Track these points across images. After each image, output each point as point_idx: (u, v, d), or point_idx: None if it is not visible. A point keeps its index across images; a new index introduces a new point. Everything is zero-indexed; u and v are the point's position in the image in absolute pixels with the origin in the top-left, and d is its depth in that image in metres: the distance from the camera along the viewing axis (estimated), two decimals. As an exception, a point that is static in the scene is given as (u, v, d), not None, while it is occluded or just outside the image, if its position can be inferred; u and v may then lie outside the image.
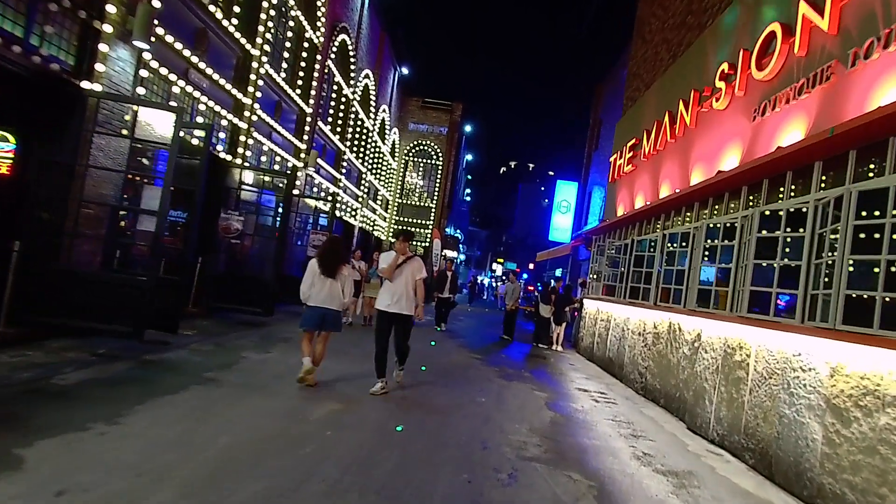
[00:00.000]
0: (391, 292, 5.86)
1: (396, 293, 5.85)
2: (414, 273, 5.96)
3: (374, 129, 21.49)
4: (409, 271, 5.92)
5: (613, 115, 22.66)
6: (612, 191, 13.16)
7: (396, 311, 5.86)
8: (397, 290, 5.86)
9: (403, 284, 5.86)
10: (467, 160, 40.25)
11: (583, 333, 13.14)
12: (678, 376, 7.25)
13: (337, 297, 5.75)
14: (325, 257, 5.72)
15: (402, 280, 5.87)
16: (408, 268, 5.92)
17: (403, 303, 5.86)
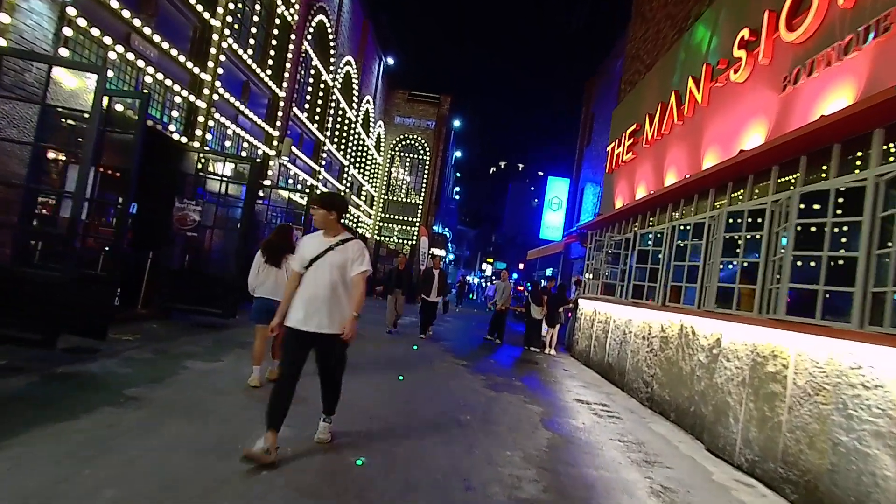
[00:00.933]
0: (307, 298, 3.66)
1: (316, 300, 3.65)
2: (348, 265, 3.72)
3: (358, 120, 20.44)
4: (338, 262, 3.69)
5: (606, 109, 21.82)
6: (610, 182, 12.23)
7: (316, 331, 3.65)
8: (318, 293, 3.65)
9: (328, 285, 3.65)
10: (456, 157, 39.27)
11: (578, 336, 12.20)
12: (692, 387, 6.30)
13: (282, 288, 5.08)
14: (270, 245, 5.38)
15: (327, 277, 3.66)
16: (336, 256, 3.70)
17: (326, 315, 3.64)
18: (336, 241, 3.75)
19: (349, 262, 3.73)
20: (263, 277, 5.37)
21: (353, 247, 3.78)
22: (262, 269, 5.37)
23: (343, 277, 3.72)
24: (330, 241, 3.75)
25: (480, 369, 8.75)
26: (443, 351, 10.22)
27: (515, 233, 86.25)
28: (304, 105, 14.62)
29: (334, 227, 3.79)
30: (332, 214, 3.74)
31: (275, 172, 12.75)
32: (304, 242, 3.88)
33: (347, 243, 3.77)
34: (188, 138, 8.86)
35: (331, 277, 3.67)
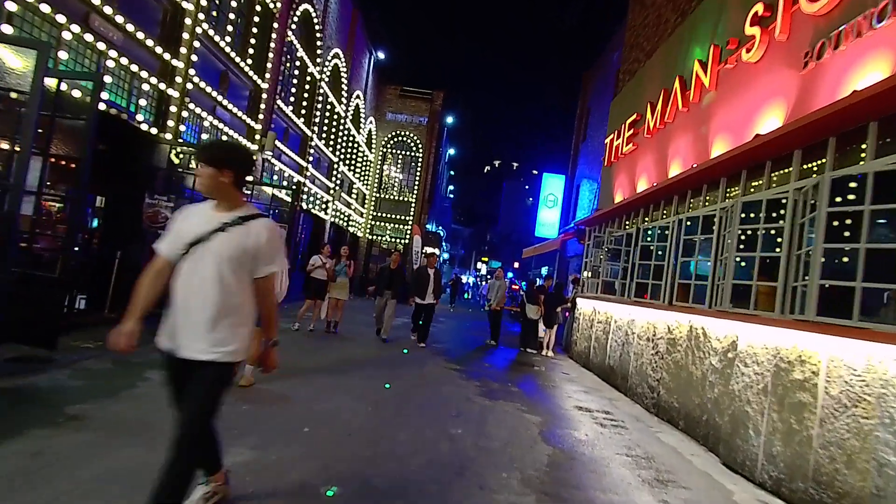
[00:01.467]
0: (178, 305, 2.43)
1: (190, 310, 2.41)
2: (248, 258, 2.44)
3: (347, 116, 19.85)
4: (231, 252, 2.40)
5: (603, 104, 21.32)
6: (608, 176, 11.72)
7: (190, 357, 2.40)
8: (194, 299, 2.40)
9: (212, 285, 2.39)
10: (450, 154, 38.71)
11: (576, 337, 11.68)
12: (704, 394, 5.78)
13: None
14: None
15: (211, 273, 2.38)
16: (229, 243, 2.40)
17: (203, 333, 2.38)
18: (232, 217, 2.40)
19: (251, 255, 2.40)
20: None
21: (260, 230, 2.42)
22: None
23: (238, 277, 2.39)
24: (222, 218, 2.40)
25: (474, 374, 8.21)
26: (434, 354, 9.67)
27: (510, 231, 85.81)
28: (290, 99, 14.03)
29: (230, 196, 2.43)
30: (226, 175, 2.37)
31: (258, 168, 12.16)
32: (183, 214, 2.52)
33: (251, 223, 2.41)
34: (159, 129, 8.26)
35: (217, 273, 2.34)
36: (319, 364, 7.22)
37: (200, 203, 2.57)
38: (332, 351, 8.43)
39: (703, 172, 6.56)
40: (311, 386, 5.92)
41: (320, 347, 8.60)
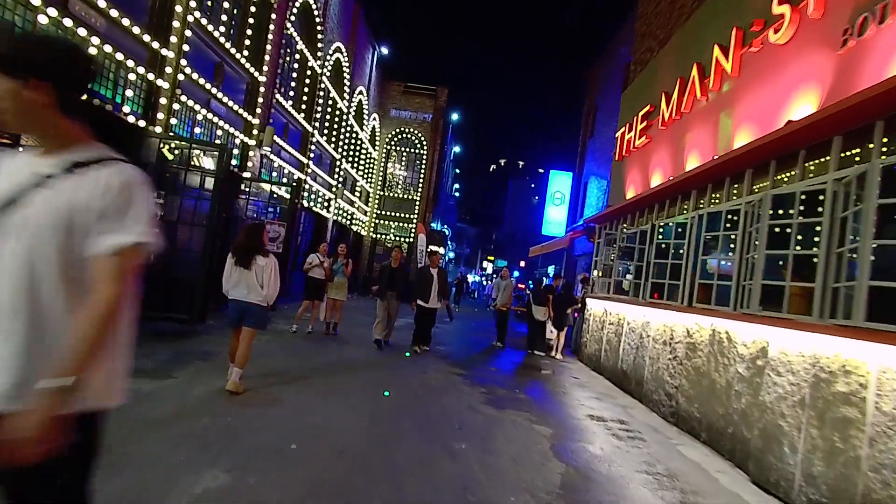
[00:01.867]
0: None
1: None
2: (80, 225, 1.39)
3: (350, 112, 19.44)
4: (55, 218, 1.37)
5: (611, 99, 20.83)
6: (619, 170, 11.23)
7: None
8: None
9: (19, 276, 1.36)
10: (455, 152, 38.26)
11: (586, 339, 11.21)
12: (729, 404, 5.32)
13: (254, 289, 5.13)
14: (238, 246, 5.20)
15: (17, 255, 1.36)
16: (53, 203, 1.38)
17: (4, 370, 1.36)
18: (61, 164, 1.43)
19: (92, 220, 1.39)
20: (236, 279, 5.13)
21: (109, 179, 1.42)
22: (234, 272, 5.14)
23: (68, 257, 1.39)
24: (42, 167, 1.44)
25: (479, 380, 7.77)
26: (438, 358, 9.23)
27: (516, 230, 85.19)
28: (289, 93, 13.62)
29: (53, 128, 1.45)
30: (38, 91, 1.38)
31: (255, 164, 11.77)
32: None
33: (93, 171, 1.43)
34: (148, 122, 7.87)
35: (27, 262, 1.37)
36: (315, 368, 6.81)
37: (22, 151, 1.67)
38: (329, 354, 8.01)
39: (725, 164, 6.08)
40: (304, 394, 5.50)
41: (317, 350, 8.19)
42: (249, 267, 5.09)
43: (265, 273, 5.16)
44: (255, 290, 5.10)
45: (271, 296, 5.23)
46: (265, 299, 5.18)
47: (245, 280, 5.10)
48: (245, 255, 5.10)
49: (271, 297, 5.24)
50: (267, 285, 5.17)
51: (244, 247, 5.15)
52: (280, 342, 8.41)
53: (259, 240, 5.27)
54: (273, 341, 8.33)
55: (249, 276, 5.09)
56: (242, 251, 5.12)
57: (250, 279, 5.09)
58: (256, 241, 5.23)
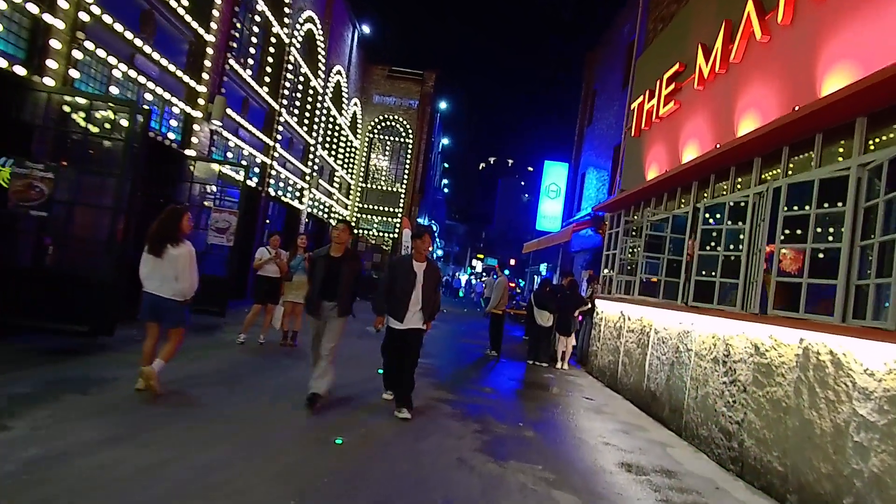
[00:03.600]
0: None
1: None
2: None
3: (326, 93, 17.54)
4: None
5: (611, 83, 19.21)
6: (636, 148, 9.49)
7: None
8: None
9: None
10: (443, 145, 36.43)
11: (597, 347, 9.47)
12: (842, 462, 3.57)
13: (167, 282, 4.56)
14: (152, 232, 4.58)
15: None
16: None
17: None
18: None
19: None
20: (150, 270, 4.59)
21: None
22: (147, 260, 4.60)
23: None
24: None
25: (472, 409, 5.99)
26: (419, 374, 7.41)
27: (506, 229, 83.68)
28: (248, 61, 11.71)
29: None
30: None
31: (203, 141, 9.86)
32: None
33: None
34: (33, 72, 5.95)
35: None
36: (247, 401, 4.98)
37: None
38: (275, 376, 6.18)
39: (813, 117, 4.34)
40: (214, 448, 3.68)
41: (261, 371, 6.35)
42: (161, 255, 4.52)
43: (178, 264, 4.55)
44: (168, 283, 4.57)
45: (185, 290, 4.64)
46: (179, 294, 4.62)
47: (159, 271, 4.57)
48: (157, 241, 4.54)
49: (186, 291, 4.65)
50: (181, 278, 4.57)
51: (155, 233, 4.59)
52: (219, 358, 6.57)
53: (173, 226, 4.61)
54: (211, 357, 6.50)
55: (162, 267, 4.55)
56: (154, 238, 4.57)
57: (164, 270, 4.55)
58: (169, 227, 4.60)
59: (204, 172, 9.80)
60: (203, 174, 9.83)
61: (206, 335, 7.97)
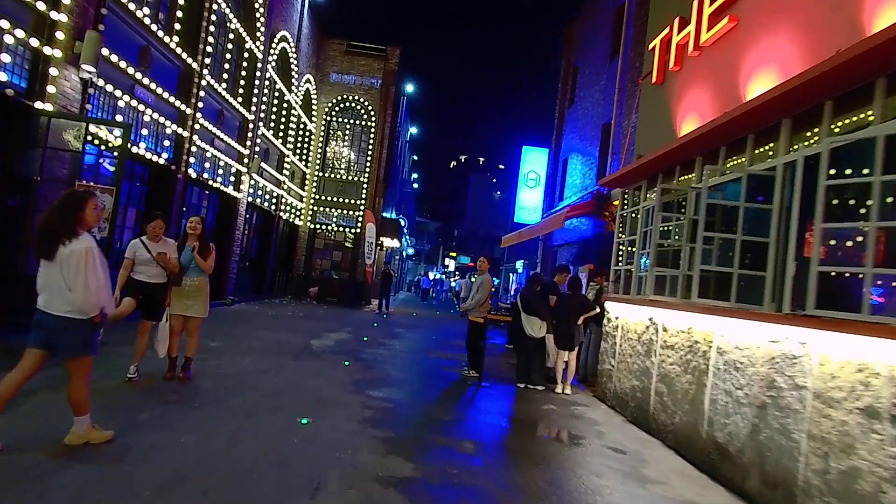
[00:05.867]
0: None
1: None
2: None
3: (268, 60, 14.82)
4: None
5: (595, 58, 17.03)
6: (657, 100, 7.17)
7: None
8: None
9: None
10: (412, 134, 33.83)
11: (610, 365, 7.11)
12: None
13: (60, 294, 3.30)
14: (39, 225, 3.42)
15: None
16: None
17: None
18: None
19: None
20: (41, 278, 3.35)
21: None
22: (41, 267, 3.36)
23: None
24: None
25: (441, 478, 3.53)
26: (361, 423, 4.89)
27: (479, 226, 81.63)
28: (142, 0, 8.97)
29: None
30: None
31: (69, 92, 7.12)
32: None
33: None
34: None
35: None
36: None
37: None
38: (169, 449, 3.58)
39: None
40: None
41: (141, 436, 3.73)
42: (52, 258, 3.28)
43: (69, 267, 3.24)
44: (60, 296, 3.30)
45: (84, 304, 3.27)
46: (77, 310, 3.28)
47: (48, 280, 3.32)
48: (42, 240, 3.31)
49: (85, 305, 3.27)
50: (74, 286, 3.24)
51: (41, 227, 3.37)
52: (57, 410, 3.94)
53: (68, 218, 3.32)
54: (58, 410, 3.88)
55: (53, 273, 3.30)
56: (39, 234, 3.35)
57: (54, 277, 3.29)
58: (61, 218, 3.32)
59: (72, 137, 7.05)
60: (72, 140, 7.08)
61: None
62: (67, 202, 3.38)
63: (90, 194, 3.53)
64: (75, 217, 3.33)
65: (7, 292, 6.39)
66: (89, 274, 3.25)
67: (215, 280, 13.74)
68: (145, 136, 9.25)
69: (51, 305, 3.29)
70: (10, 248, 6.55)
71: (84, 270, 3.23)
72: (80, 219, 3.35)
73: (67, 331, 3.31)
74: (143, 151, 9.07)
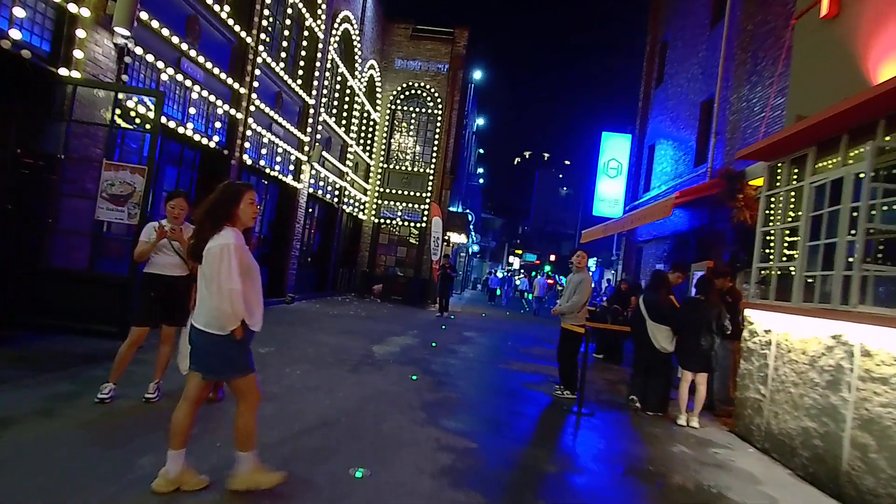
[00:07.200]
0: None
1: None
2: None
3: (329, 41, 13.84)
4: None
5: (689, 28, 14.93)
6: (820, 40, 5.31)
7: None
8: None
9: None
10: (478, 126, 32.36)
11: (762, 394, 5.35)
12: None
13: (201, 302, 2.92)
14: (193, 221, 3.12)
15: None
16: None
17: None
18: None
19: None
20: None
21: None
22: None
23: None
24: None
25: None
26: (443, 468, 3.50)
27: (544, 223, 78.98)
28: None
29: None
30: None
31: (102, 59, 6.20)
32: None
33: None
34: None
35: None
36: None
37: None
38: None
39: None
40: None
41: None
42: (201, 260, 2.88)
43: (208, 268, 2.85)
44: (201, 304, 2.90)
45: (220, 314, 2.80)
46: (212, 322, 2.84)
47: (199, 286, 2.96)
48: (193, 240, 2.95)
49: (220, 316, 2.80)
50: (210, 293, 2.82)
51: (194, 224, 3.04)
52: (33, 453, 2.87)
53: (217, 211, 2.92)
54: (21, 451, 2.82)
55: (200, 278, 2.94)
56: (193, 234, 3.00)
57: (200, 283, 2.94)
58: (208, 213, 2.92)
59: (98, 108, 6.12)
60: (99, 111, 6.15)
61: (72, 379, 4.37)
62: (220, 194, 2.95)
63: (247, 186, 3.05)
64: (226, 212, 2.89)
65: (27, 288, 5.52)
66: (224, 277, 2.74)
67: (275, 276, 13.04)
68: (193, 115, 8.34)
69: (195, 316, 2.91)
70: (31, 237, 5.67)
71: (220, 272, 2.74)
72: (233, 214, 2.90)
73: (205, 348, 2.86)
74: (190, 132, 8.15)
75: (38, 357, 4.94)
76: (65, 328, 5.51)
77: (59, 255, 5.80)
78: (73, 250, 5.91)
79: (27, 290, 5.54)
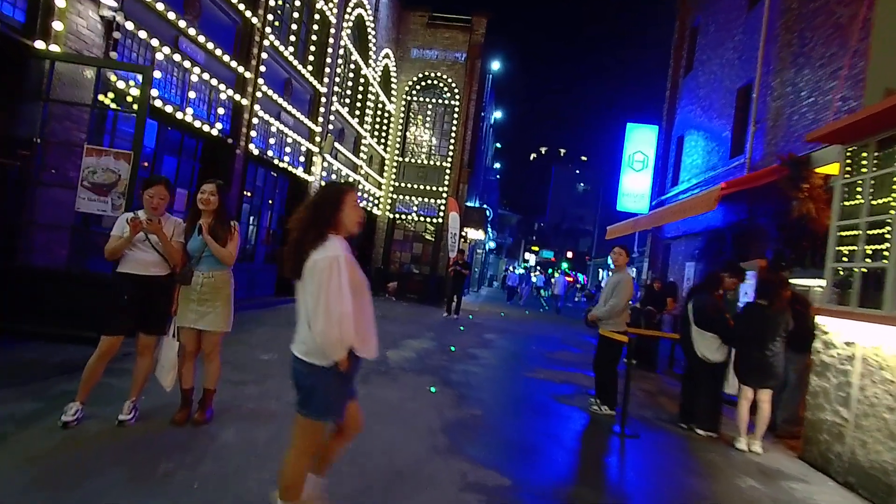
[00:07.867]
0: None
1: None
2: None
3: (342, 26, 13.16)
4: None
5: (723, 11, 14.03)
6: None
7: None
8: None
9: None
10: (496, 119, 31.52)
11: (839, 417, 4.55)
12: None
13: (301, 326, 2.53)
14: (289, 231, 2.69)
15: None
16: None
17: None
18: None
19: None
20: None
21: None
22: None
23: None
24: None
25: None
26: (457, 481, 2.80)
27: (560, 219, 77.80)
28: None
29: None
30: None
31: (86, 34, 5.58)
32: None
33: None
34: None
35: None
36: None
37: None
38: None
39: None
40: None
41: None
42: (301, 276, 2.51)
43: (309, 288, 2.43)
44: (301, 328, 2.50)
45: (323, 340, 2.35)
46: (314, 350, 2.42)
47: (298, 307, 2.60)
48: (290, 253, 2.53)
49: (325, 343, 2.35)
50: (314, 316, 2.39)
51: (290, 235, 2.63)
52: None
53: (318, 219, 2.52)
54: None
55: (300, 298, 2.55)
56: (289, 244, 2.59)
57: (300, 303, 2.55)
58: (308, 222, 2.53)
59: (82, 87, 5.50)
60: (86, 92, 5.53)
61: (37, 395, 3.75)
62: (319, 199, 2.57)
63: (349, 185, 2.65)
64: (329, 218, 2.48)
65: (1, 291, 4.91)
66: (333, 296, 2.29)
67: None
68: (193, 100, 7.71)
69: (294, 343, 2.50)
70: (1, 232, 5.06)
71: (329, 290, 2.29)
72: (336, 220, 2.49)
73: (302, 378, 2.45)
74: (190, 118, 7.53)
75: (3, 367, 4.33)
76: (40, 334, 4.88)
77: (34, 252, 5.19)
78: (52, 246, 5.30)
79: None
